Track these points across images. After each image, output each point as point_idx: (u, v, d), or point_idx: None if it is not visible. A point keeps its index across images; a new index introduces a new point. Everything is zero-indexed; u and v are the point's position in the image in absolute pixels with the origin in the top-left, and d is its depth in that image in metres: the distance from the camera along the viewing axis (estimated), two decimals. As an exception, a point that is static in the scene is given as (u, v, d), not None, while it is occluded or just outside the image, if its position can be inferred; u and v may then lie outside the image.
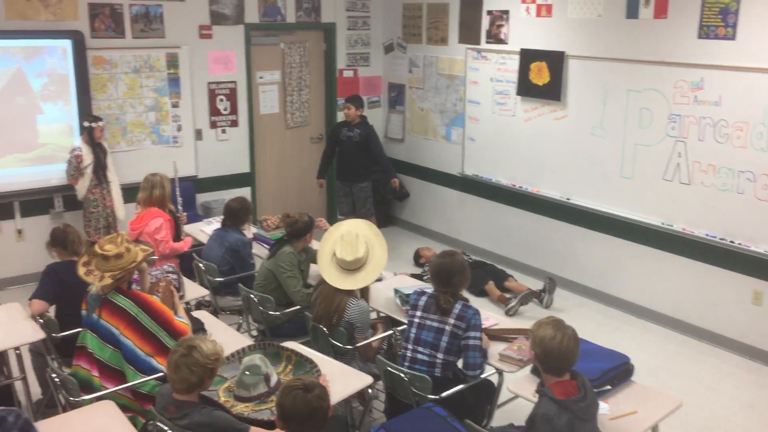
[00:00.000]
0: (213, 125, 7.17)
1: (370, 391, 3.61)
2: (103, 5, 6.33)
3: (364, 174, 6.96)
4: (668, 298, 5.70)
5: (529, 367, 3.57)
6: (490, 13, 6.74)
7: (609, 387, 3.35)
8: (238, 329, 4.73)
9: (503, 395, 3.76)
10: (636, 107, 5.64)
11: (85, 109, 6.29)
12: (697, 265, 5.46)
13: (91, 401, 3.36)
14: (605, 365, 3.40)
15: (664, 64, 5.38)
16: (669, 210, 5.54)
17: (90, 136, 6.06)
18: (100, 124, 6.13)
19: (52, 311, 4.23)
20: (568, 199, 6.29)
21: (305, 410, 2.57)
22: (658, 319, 5.77)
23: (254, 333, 4.96)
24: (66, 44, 6.17)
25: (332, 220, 5.26)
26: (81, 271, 3.54)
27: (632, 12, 5.56)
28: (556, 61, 6.14)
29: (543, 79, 6.27)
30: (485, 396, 3.76)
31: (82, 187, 6.07)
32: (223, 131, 7.25)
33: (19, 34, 5.98)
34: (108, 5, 6.35)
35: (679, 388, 4.68)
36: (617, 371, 3.43)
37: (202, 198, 7.15)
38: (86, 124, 6.07)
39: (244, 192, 7.31)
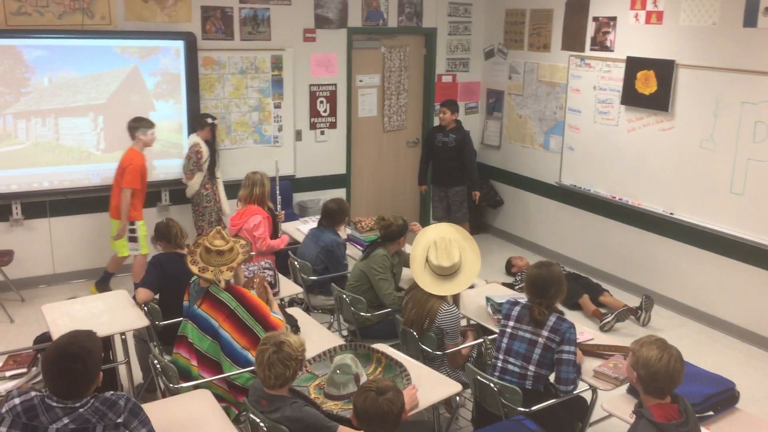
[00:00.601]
0: (312, 126, 7.32)
1: (458, 398, 3.59)
2: (215, 8, 6.59)
3: (459, 178, 6.92)
4: (778, 324, 5.38)
5: (624, 386, 3.45)
6: (596, 19, 6.56)
7: (712, 413, 3.19)
8: (329, 328, 4.80)
9: (596, 413, 3.64)
10: (750, 120, 5.35)
11: (194, 108, 6.55)
12: (812, 290, 5.13)
13: (188, 389, 3.49)
14: (708, 390, 3.23)
15: (783, 75, 5.10)
16: (783, 230, 5.24)
17: (212, 132, 6.31)
18: (217, 121, 6.41)
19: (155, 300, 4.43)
20: (671, 213, 6.04)
21: (374, 412, 2.61)
22: (767, 345, 5.46)
23: (344, 333, 5.02)
24: (179, 45, 6.45)
25: (426, 224, 5.25)
26: (194, 269, 3.63)
27: (750, 20, 5.28)
28: (665, 70, 5.90)
29: (650, 88, 6.05)
30: (577, 413, 3.66)
31: (195, 183, 6.26)
32: (322, 132, 7.39)
33: (136, 34, 6.29)
34: (219, 8, 6.61)
35: (787, 419, 4.40)
36: (721, 397, 3.26)
37: (298, 197, 7.31)
38: (210, 120, 6.31)
39: (340, 193, 7.42)
